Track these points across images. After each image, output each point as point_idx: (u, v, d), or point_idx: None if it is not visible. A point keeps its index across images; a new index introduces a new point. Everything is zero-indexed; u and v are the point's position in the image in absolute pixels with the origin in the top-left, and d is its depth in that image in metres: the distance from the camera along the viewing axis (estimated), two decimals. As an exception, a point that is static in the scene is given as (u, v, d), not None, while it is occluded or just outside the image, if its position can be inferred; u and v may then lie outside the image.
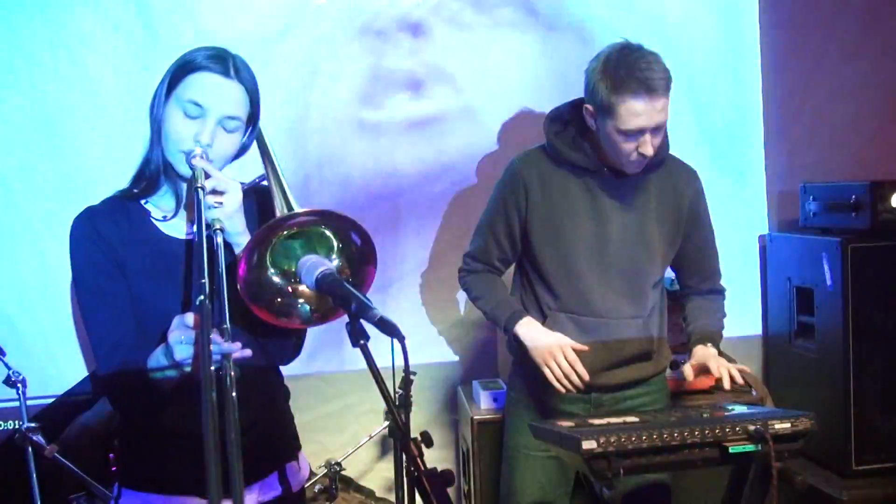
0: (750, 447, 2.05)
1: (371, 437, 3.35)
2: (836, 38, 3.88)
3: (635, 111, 2.35)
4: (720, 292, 2.74)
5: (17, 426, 2.92)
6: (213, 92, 1.82)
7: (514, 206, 2.58)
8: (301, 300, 1.67)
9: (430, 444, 1.46)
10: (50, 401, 3.27)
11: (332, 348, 3.51)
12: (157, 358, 1.69)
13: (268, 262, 1.67)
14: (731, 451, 2.05)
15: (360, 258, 1.70)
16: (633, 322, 2.59)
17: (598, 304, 2.56)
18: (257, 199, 1.99)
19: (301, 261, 1.60)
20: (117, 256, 1.87)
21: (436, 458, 3.71)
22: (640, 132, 2.38)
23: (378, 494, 3.49)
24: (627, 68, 2.35)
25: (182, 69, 1.85)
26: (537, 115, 3.48)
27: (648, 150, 2.40)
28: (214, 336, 1.52)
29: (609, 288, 2.56)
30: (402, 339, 1.38)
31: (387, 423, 3.30)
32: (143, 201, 1.94)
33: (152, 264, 1.89)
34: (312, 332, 1.92)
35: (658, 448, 2.03)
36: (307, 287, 1.61)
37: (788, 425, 2.09)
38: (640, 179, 2.55)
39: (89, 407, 3.21)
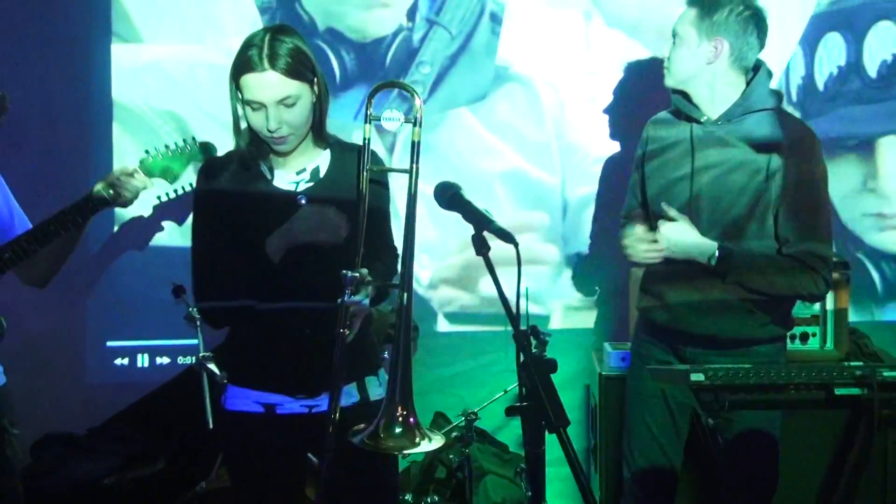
0: (855, 390, 2.13)
1: (506, 392, 3.56)
2: None
3: None
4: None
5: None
6: (257, 89, 2.15)
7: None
8: None
9: (537, 334, 1.67)
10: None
11: (474, 311, 3.77)
12: None
13: None
14: (836, 392, 2.14)
15: None
16: None
17: None
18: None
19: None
20: (233, 207, 2.25)
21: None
22: None
23: (511, 449, 3.70)
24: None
25: (234, 75, 2.20)
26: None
27: None
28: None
29: None
30: (516, 245, 1.60)
31: (520, 380, 3.49)
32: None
33: (265, 213, 2.25)
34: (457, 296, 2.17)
35: (765, 386, 2.16)
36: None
37: (897, 374, 2.16)
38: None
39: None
